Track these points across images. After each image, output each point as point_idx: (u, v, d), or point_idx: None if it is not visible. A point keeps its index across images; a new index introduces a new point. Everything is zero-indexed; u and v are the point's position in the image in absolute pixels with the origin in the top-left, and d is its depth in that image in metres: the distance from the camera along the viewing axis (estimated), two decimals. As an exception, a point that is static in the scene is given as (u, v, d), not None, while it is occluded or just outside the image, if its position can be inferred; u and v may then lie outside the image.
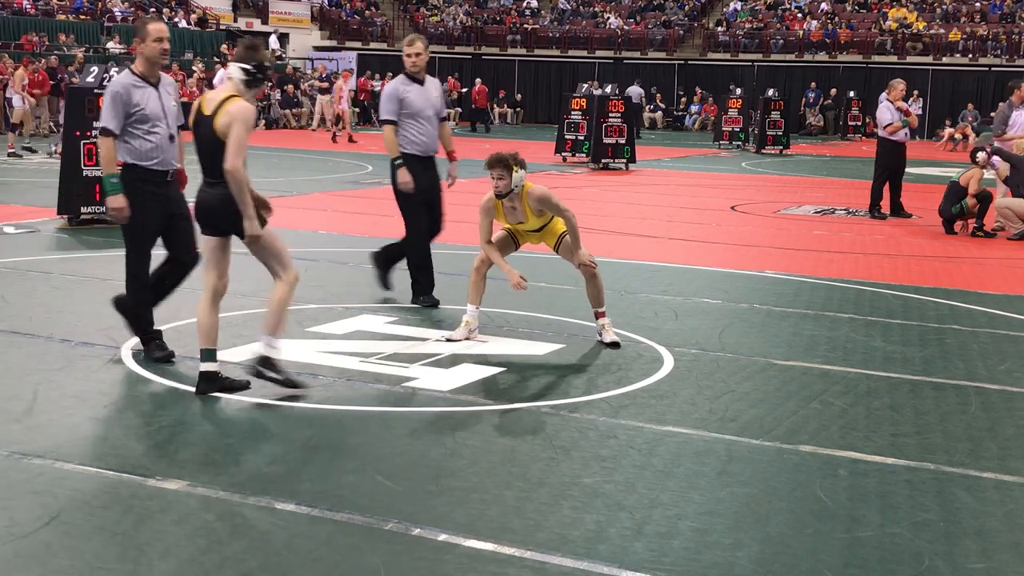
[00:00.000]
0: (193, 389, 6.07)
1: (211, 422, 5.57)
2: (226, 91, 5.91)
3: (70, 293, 8.60)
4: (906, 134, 15.87)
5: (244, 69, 5.87)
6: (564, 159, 24.16)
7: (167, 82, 6.78)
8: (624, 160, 23.23)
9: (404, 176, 8.38)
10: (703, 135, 38.57)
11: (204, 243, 6.18)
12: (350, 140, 28.49)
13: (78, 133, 11.93)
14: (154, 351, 6.74)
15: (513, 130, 39.39)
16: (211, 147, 5.88)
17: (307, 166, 21.32)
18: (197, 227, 6.27)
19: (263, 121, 33.32)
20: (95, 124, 6.58)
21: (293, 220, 13.38)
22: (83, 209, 12.06)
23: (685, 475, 5.07)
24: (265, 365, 5.99)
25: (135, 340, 7.09)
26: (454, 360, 6.90)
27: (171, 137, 6.66)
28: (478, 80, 39.13)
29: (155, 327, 6.84)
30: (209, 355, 6.03)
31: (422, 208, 8.56)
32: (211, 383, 6.00)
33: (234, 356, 6.80)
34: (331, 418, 5.73)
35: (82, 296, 8.52)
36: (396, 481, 4.85)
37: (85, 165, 11.90)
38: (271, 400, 5.99)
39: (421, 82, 8.54)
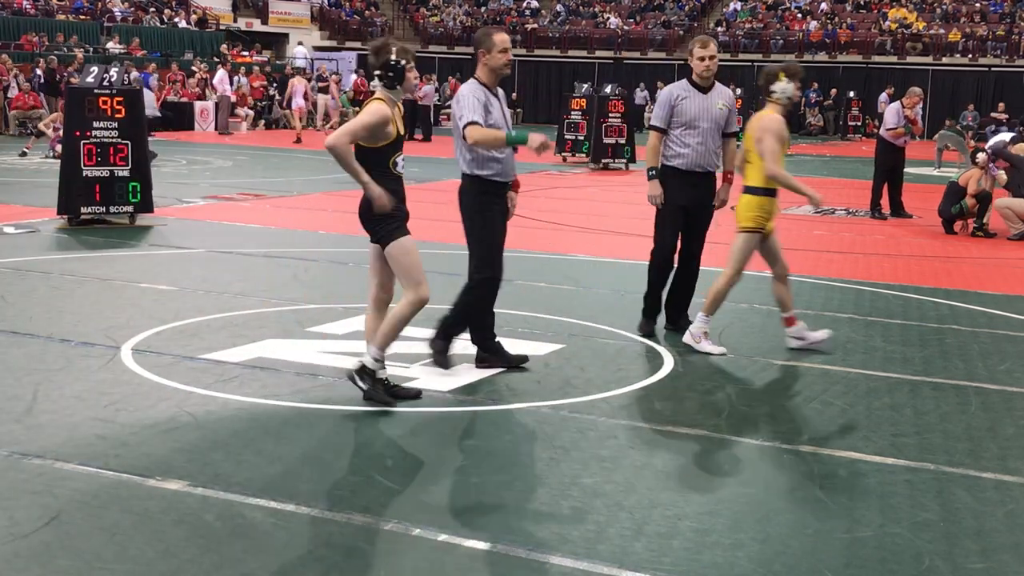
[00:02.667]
0: (191, 388, 6.08)
1: (211, 422, 5.57)
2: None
3: (70, 293, 8.60)
4: (905, 140, 15.94)
5: (377, 75, 5.86)
6: (564, 159, 24.16)
7: (501, 94, 6.70)
8: (624, 160, 23.23)
9: (652, 189, 7.71)
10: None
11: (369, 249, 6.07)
12: (297, 140, 27.55)
13: (78, 133, 11.93)
14: (496, 362, 6.63)
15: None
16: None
17: (307, 166, 21.31)
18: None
19: (263, 121, 33.30)
20: (465, 119, 6.47)
21: (293, 220, 13.39)
22: (83, 209, 12.05)
23: (685, 475, 5.07)
24: (360, 374, 5.91)
25: (135, 340, 7.09)
26: (454, 360, 6.89)
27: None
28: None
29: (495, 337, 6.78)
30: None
31: (676, 226, 7.75)
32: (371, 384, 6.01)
33: (233, 356, 6.81)
34: (331, 418, 5.73)
35: (82, 296, 8.52)
36: (396, 481, 4.85)
37: (85, 165, 11.90)
38: (271, 400, 5.99)
39: (706, 90, 7.73)
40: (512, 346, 7.31)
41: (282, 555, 4.06)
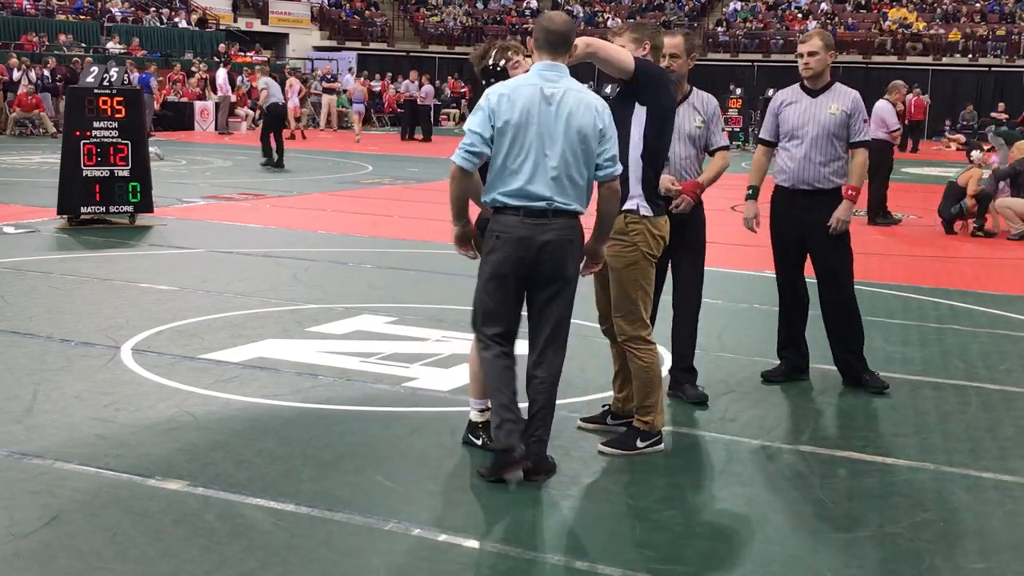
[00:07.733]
0: (191, 388, 6.08)
1: (211, 422, 5.57)
2: None
3: (70, 293, 8.60)
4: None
5: (484, 85, 5.25)
6: (564, 159, 24.13)
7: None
8: (624, 160, 23.16)
9: (746, 210, 7.00)
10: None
11: None
12: (302, 137, 28.92)
13: (78, 133, 11.93)
14: (688, 391, 6.24)
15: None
16: None
17: (307, 166, 21.32)
18: None
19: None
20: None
21: (293, 220, 13.39)
22: (83, 209, 12.05)
23: (685, 475, 5.07)
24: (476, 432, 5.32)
25: (135, 340, 7.09)
26: (454, 360, 6.89)
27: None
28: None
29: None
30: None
31: (785, 255, 6.78)
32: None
33: (234, 356, 6.81)
34: (331, 418, 5.73)
35: (82, 296, 8.51)
36: (396, 481, 4.85)
37: (85, 165, 11.90)
38: (271, 400, 5.99)
39: (815, 93, 6.84)
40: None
41: (282, 555, 4.06)
